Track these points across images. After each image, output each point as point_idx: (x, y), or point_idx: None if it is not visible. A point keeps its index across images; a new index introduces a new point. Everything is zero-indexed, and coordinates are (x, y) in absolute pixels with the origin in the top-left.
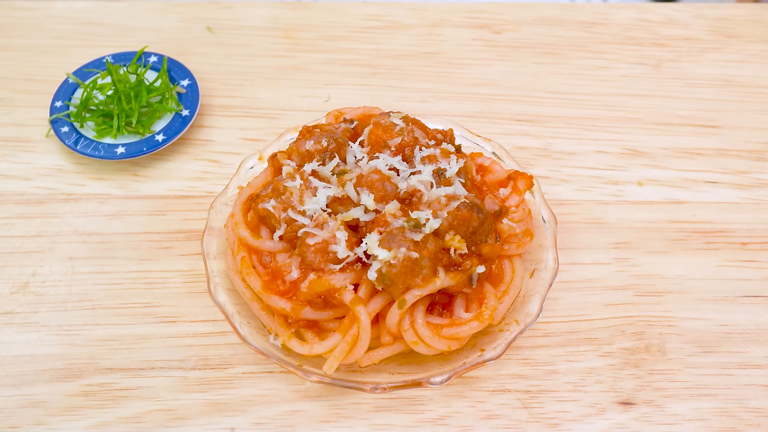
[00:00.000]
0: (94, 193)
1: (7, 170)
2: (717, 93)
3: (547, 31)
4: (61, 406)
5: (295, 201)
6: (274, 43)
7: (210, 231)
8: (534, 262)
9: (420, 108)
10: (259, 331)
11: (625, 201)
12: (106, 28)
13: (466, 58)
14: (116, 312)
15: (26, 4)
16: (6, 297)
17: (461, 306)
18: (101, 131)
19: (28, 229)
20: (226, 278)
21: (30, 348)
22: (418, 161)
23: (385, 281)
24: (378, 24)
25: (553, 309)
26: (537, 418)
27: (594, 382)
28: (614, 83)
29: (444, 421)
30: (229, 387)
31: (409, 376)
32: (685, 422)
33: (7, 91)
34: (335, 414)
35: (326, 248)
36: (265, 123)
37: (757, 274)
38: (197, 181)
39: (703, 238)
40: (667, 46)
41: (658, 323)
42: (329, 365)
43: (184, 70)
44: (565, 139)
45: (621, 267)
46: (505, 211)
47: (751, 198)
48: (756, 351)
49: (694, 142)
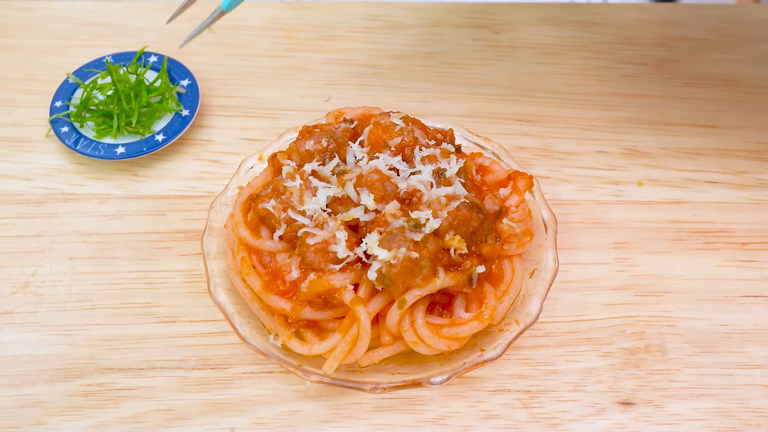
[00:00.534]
0: (94, 193)
1: (7, 170)
2: (717, 93)
3: (547, 31)
4: (61, 406)
5: (295, 201)
6: (274, 43)
7: (210, 231)
8: (534, 262)
9: (420, 108)
10: (259, 331)
11: (625, 201)
12: (106, 28)
13: (466, 58)
14: (116, 312)
15: (26, 4)
16: (6, 297)
17: (461, 306)
18: (101, 131)
19: (28, 229)
20: (226, 278)
21: (30, 348)
22: (418, 161)
23: (385, 281)
24: (378, 24)
25: (553, 309)
26: (537, 418)
27: (594, 382)
28: (614, 83)
29: (444, 421)
30: (229, 387)
31: (409, 376)
32: (685, 422)
33: (7, 91)
34: (335, 414)
35: (326, 248)
36: (265, 123)
37: (757, 274)
38: (197, 181)
39: (703, 238)
40: (667, 46)
41: (658, 323)
42: (329, 365)
43: (184, 70)
44: (565, 139)
45: (621, 267)
46: (505, 211)
47: (751, 198)
48: (756, 351)
49: (694, 142)
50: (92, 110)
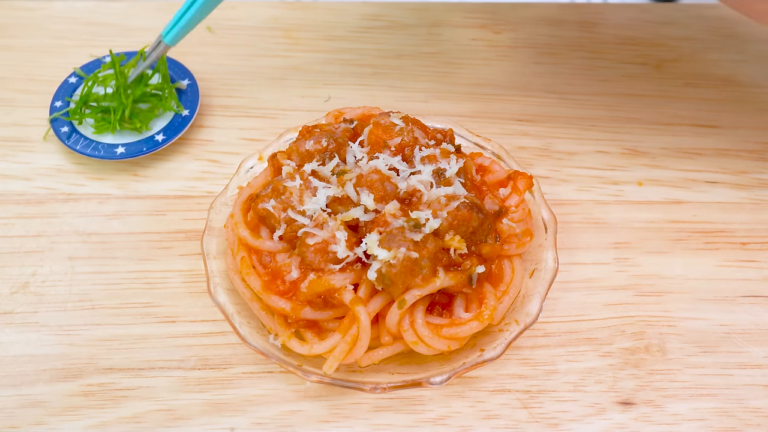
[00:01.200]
0: (94, 193)
1: (7, 170)
2: (717, 93)
3: (547, 31)
4: (61, 406)
5: (295, 201)
6: (274, 43)
7: (210, 231)
8: (534, 262)
9: (420, 108)
10: (259, 331)
11: (625, 201)
12: (106, 28)
13: (466, 58)
14: (116, 312)
15: (26, 4)
16: (6, 297)
17: (461, 306)
18: (99, 127)
19: (28, 229)
20: (226, 278)
21: (30, 348)
22: (418, 161)
23: (384, 281)
24: (378, 24)
25: (553, 309)
26: (537, 418)
27: (594, 382)
28: (614, 83)
29: (444, 421)
30: (229, 387)
31: (409, 376)
32: (685, 422)
33: (7, 91)
34: (335, 414)
35: (326, 248)
36: (265, 123)
37: (757, 274)
38: (197, 181)
39: (703, 238)
40: (667, 46)
41: (658, 323)
42: (329, 365)
43: (184, 70)
44: (565, 139)
45: (621, 267)
46: (505, 211)
47: (751, 198)
48: (756, 351)
49: (694, 142)
50: (92, 106)
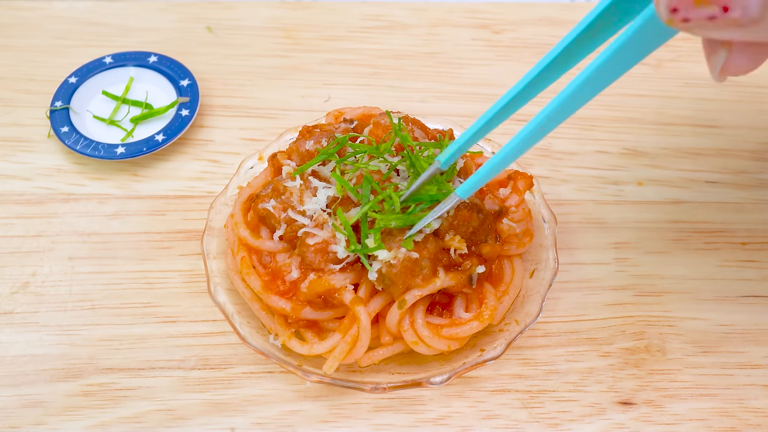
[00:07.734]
0: (94, 193)
1: (7, 170)
2: (717, 93)
3: (547, 31)
4: (61, 406)
5: (295, 201)
6: (274, 43)
7: (210, 231)
8: (534, 262)
9: (420, 108)
10: (259, 331)
11: (624, 201)
12: (106, 28)
13: (466, 58)
14: (116, 312)
15: (26, 4)
16: (6, 297)
17: (461, 306)
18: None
19: (28, 229)
20: (226, 278)
21: (30, 348)
22: None
23: (385, 281)
24: (378, 24)
25: (553, 309)
26: (537, 418)
27: (594, 382)
28: (614, 83)
29: (444, 421)
30: (229, 387)
31: (409, 376)
32: (685, 422)
33: (7, 91)
34: (335, 414)
35: (326, 248)
36: (265, 123)
37: (757, 274)
38: (197, 181)
39: (703, 238)
40: (667, 46)
41: (658, 323)
42: (329, 365)
43: (184, 70)
44: (565, 139)
45: (621, 267)
46: (505, 211)
47: (751, 198)
48: (756, 351)
49: (694, 142)
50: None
